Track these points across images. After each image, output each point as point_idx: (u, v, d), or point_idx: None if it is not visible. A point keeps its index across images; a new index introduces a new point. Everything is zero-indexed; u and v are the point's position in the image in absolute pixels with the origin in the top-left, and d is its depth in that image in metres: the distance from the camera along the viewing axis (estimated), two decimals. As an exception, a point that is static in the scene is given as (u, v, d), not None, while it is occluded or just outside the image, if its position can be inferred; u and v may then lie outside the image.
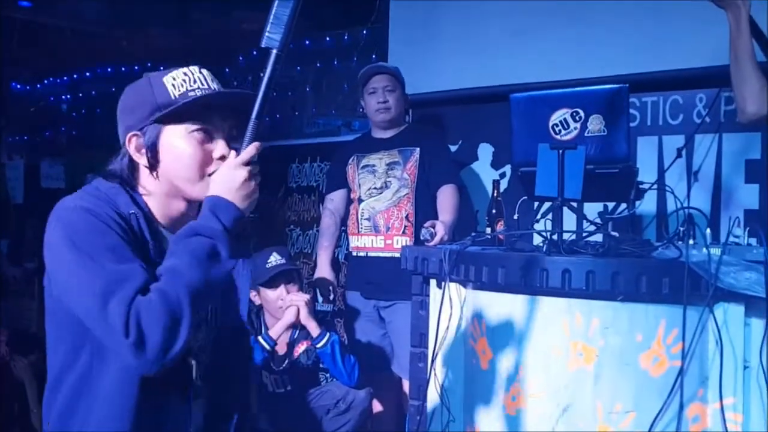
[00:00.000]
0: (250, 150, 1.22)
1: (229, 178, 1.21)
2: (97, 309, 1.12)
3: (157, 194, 1.31)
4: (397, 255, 2.48)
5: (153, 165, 1.29)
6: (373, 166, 2.97)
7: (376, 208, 2.92)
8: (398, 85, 2.98)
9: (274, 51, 1.22)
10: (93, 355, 1.22)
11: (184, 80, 1.29)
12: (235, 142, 1.29)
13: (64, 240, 1.18)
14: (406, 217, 2.88)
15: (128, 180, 1.30)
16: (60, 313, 1.25)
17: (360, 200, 2.96)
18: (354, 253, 3.02)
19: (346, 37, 4.01)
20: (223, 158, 1.27)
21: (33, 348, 4.15)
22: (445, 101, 3.40)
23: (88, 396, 1.23)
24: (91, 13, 4.59)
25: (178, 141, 1.28)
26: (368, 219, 2.93)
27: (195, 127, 1.28)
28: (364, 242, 2.96)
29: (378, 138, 3.01)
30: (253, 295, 2.85)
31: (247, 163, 1.22)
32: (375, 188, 2.93)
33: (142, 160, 1.30)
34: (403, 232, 2.88)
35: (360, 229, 2.96)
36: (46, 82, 5.96)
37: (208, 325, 1.35)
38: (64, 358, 1.25)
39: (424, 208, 2.86)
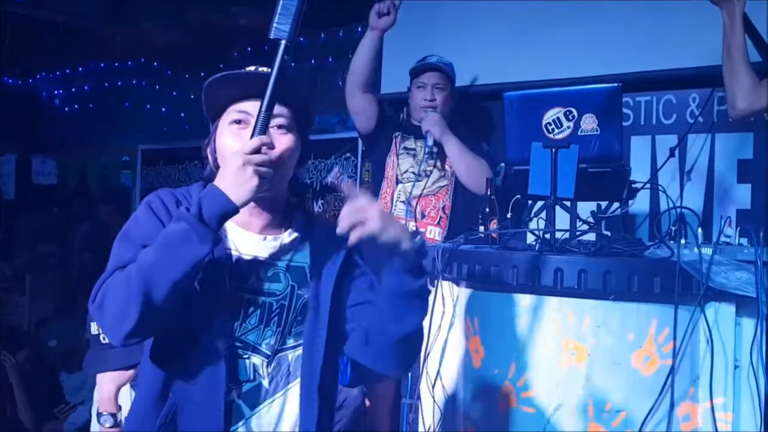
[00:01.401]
0: (253, 142, 1.21)
1: (225, 165, 1.22)
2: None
3: None
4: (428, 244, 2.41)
5: (216, 164, 1.33)
6: (414, 150, 2.88)
7: (413, 194, 2.81)
8: (449, 83, 2.87)
9: (283, 42, 1.22)
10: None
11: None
12: (286, 129, 1.29)
13: (124, 228, 1.28)
14: (443, 209, 2.81)
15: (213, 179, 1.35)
16: None
17: (397, 181, 2.87)
18: None
19: (341, 34, 4.01)
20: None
21: (23, 344, 4.13)
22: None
23: (141, 380, 1.34)
24: (84, 8, 4.57)
25: (221, 136, 1.31)
26: (404, 202, 2.83)
27: (230, 119, 1.30)
28: None
29: (419, 126, 2.86)
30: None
31: (250, 153, 1.19)
32: (413, 173, 2.83)
33: (210, 160, 1.35)
34: (438, 223, 2.81)
35: (394, 211, 2.85)
36: (38, 77, 5.93)
37: (281, 326, 1.32)
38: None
39: (462, 203, 2.79)
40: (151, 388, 1.28)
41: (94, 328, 1.88)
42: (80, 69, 5.61)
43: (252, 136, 1.22)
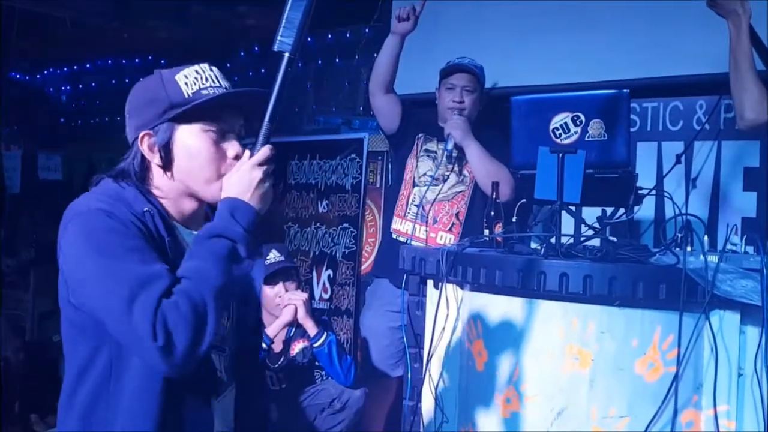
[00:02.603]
0: (264, 151, 1.23)
1: (245, 179, 1.22)
2: (123, 314, 1.12)
3: (170, 193, 1.31)
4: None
5: (167, 164, 1.28)
6: (434, 152, 2.85)
7: (428, 198, 2.77)
8: (479, 85, 2.85)
9: (287, 54, 1.24)
10: (112, 356, 1.22)
11: (196, 78, 1.29)
12: (242, 141, 1.31)
13: (85, 245, 1.18)
14: (457, 215, 2.78)
15: (140, 179, 1.30)
16: (76, 316, 1.25)
17: (414, 184, 2.85)
18: (393, 236, 2.88)
19: (348, 35, 4.01)
20: (237, 157, 1.28)
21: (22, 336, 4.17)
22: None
23: (108, 397, 1.22)
24: (92, 4, 4.57)
25: (193, 140, 1.28)
26: (417, 206, 2.80)
27: (209, 126, 1.28)
28: (406, 228, 2.82)
29: (443, 129, 2.82)
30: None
31: (261, 165, 1.23)
32: (431, 176, 2.79)
33: (155, 159, 1.29)
34: (450, 229, 2.77)
35: (406, 214, 2.84)
36: (45, 72, 5.94)
37: (229, 318, 1.37)
38: (83, 360, 1.25)
39: (478, 210, 2.71)
40: (143, 392, 1.22)
41: None
42: (87, 65, 5.62)
43: (256, 147, 1.24)
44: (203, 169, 1.28)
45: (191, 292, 1.13)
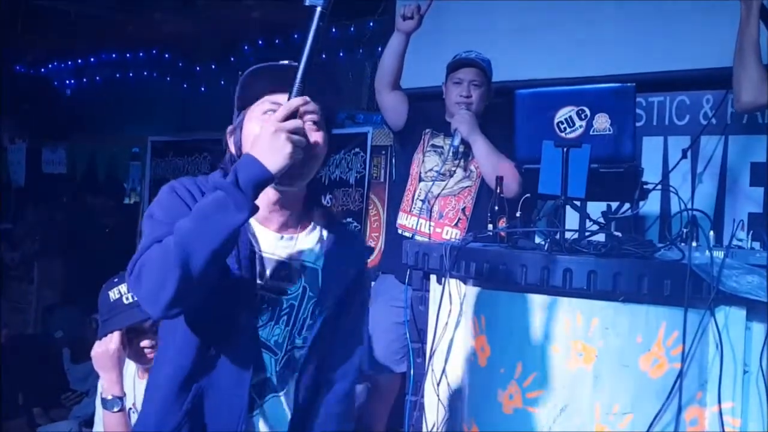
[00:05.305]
0: (282, 108, 1.20)
1: (262, 135, 1.19)
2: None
3: None
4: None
5: (238, 152, 1.32)
6: (441, 148, 2.84)
7: (434, 192, 2.76)
8: (486, 80, 2.83)
9: (319, 8, 1.21)
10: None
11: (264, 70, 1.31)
12: (318, 126, 1.29)
13: (148, 211, 1.30)
14: (463, 210, 2.77)
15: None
16: None
17: (420, 179, 2.84)
18: (399, 231, 2.87)
19: (352, 29, 4.00)
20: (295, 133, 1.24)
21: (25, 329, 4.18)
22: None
23: (158, 374, 1.34)
24: (97, -3, 4.58)
25: (252, 124, 1.30)
26: (423, 200, 2.80)
27: (264, 108, 1.30)
28: (412, 223, 2.82)
29: (449, 123, 2.82)
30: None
31: (284, 120, 1.19)
32: (437, 172, 2.78)
33: (231, 148, 1.35)
34: (456, 225, 2.76)
35: (412, 209, 2.84)
36: (50, 66, 5.95)
37: (289, 325, 1.34)
38: (160, 332, 1.37)
39: (484, 206, 2.64)
40: (174, 378, 1.28)
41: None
42: (92, 59, 5.63)
43: None
44: None
45: (168, 239, 1.17)
